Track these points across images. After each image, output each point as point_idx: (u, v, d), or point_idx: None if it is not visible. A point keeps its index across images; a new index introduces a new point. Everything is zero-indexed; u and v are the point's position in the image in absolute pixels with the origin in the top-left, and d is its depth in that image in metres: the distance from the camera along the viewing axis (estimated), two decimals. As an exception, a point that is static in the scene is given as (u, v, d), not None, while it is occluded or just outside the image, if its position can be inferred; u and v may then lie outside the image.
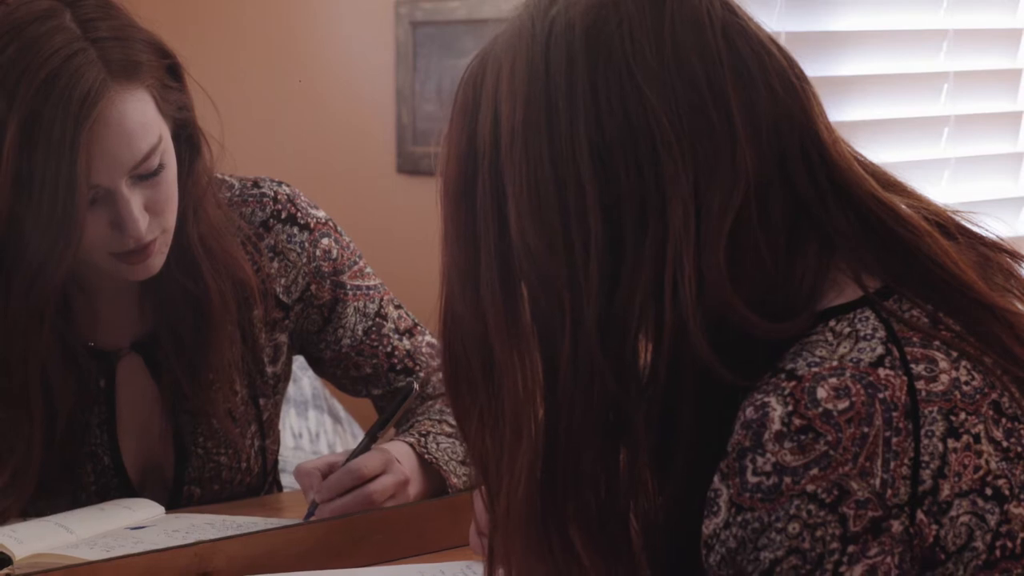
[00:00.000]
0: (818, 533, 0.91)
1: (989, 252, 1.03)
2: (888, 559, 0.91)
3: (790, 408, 0.92)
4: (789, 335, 0.97)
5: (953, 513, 0.92)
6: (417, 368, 1.68)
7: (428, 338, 1.71)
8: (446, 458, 1.60)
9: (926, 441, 0.92)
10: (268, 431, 1.66)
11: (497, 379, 1.02)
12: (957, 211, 1.06)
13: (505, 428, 1.02)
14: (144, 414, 1.60)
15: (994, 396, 0.96)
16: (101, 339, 1.59)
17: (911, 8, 2.35)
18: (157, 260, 1.52)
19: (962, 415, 0.94)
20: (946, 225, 1.03)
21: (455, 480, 1.60)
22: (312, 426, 2.67)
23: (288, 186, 1.67)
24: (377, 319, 1.67)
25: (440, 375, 1.67)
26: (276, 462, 1.71)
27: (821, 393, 0.92)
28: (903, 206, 1.01)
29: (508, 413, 1.02)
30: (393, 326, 1.68)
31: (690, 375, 0.97)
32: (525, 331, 1.01)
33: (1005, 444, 0.94)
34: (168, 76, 1.52)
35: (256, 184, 1.66)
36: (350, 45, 3.04)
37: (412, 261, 2.51)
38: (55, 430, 1.52)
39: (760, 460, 0.92)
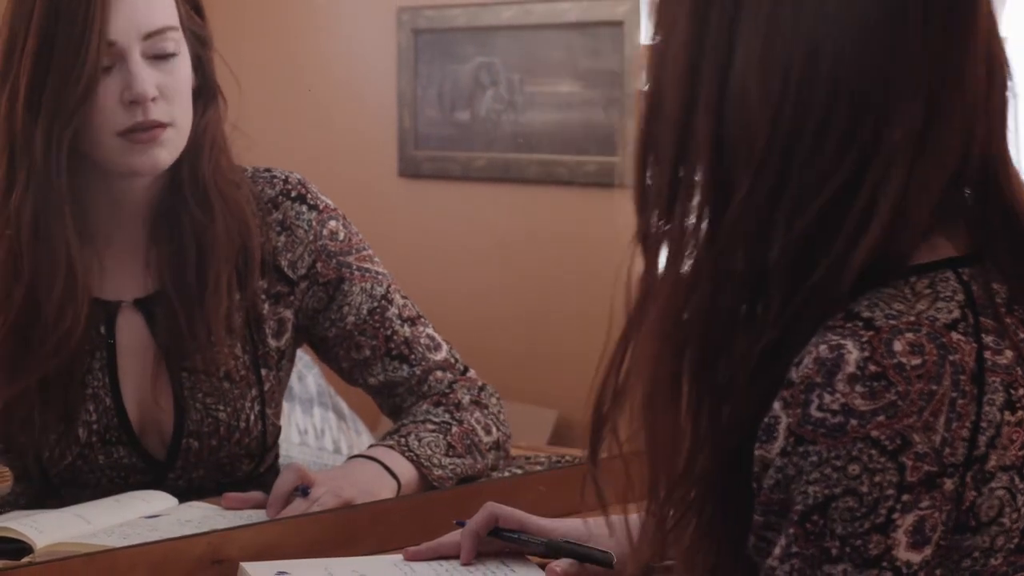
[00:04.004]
0: (876, 478, 0.93)
1: None
2: (936, 514, 0.94)
3: (867, 354, 0.94)
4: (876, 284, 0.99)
5: (993, 484, 0.95)
6: (412, 357, 1.72)
7: (429, 330, 1.74)
8: (428, 453, 1.65)
9: (987, 408, 0.95)
10: (269, 401, 1.70)
11: (692, 170, 1.03)
12: None
13: (671, 241, 1.03)
14: (144, 366, 1.65)
15: None
16: (104, 291, 1.65)
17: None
18: (163, 153, 1.60)
19: (1021, 391, 0.96)
20: None
21: (438, 472, 1.65)
22: (317, 423, 2.71)
23: (300, 175, 1.74)
24: (383, 302, 1.72)
25: (439, 369, 1.73)
26: (278, 439, 1.74)
27: (897, 346, 0.94)
28: None
29: (677, 223, 1.03)
30: (397, 311, 1.72)
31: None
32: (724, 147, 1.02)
33: None
34: (194, 7, 1.65)
35: (268, 169, 1.73)
36: (353, 51, 3.08)
37: (413, 262, 2.57)
38: (59, 367, 1.59)
39: (828, 397, 0.94)
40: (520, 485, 1.73)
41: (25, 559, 1.46)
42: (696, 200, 1.02)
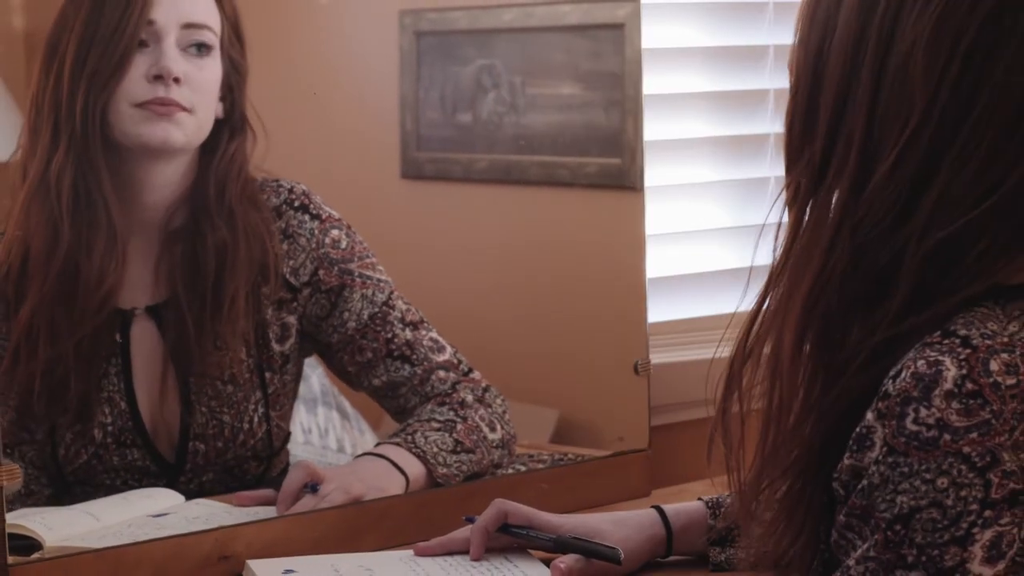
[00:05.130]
0: (962, 493, 0.95)
1: None
2: (1014, 531, 0.96)
3: (964, 372, 0.96)
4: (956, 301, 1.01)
5: None
6: (414, 357, 1.75)
7: (432, 334, 1.77)
8: (434, 450, 1.68)
9: None
10: (273, 404, 1.73)
11: (843, 138, 1.05)
12: None
13: (816, 208, 1.05)
14: (154, 371, 1.68)
15: None
16: (119, 299, 1.66)
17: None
18: (176, 132, 1.65)
19: None
20: None
21: (442, 470, 1.68)
22: (321, 422, 2.71)
23: (305, 186, 1.77)
24: (384, 307, 1.75)
25: (442, 369, 1.75)
26: (286, 443, 1.78)
27: (993, 366, 0.96)
28: None
29: (825, 191, 1.05)
30: (399, 316, 1.75)
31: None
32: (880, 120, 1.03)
33: None
34: (237, 35, 1.72)
35: (276, 179, 1.76)
36: (355, 54, 3.09)
37: (415, 262, 2.58)
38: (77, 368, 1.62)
39: (924, 412, 0.96)
40: (523, 482, 1.75)
41: (35, 555, 1.47)
42: (845, 172, 1.04)
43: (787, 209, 1.08)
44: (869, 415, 0.99)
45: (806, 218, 1.07)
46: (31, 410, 1.61)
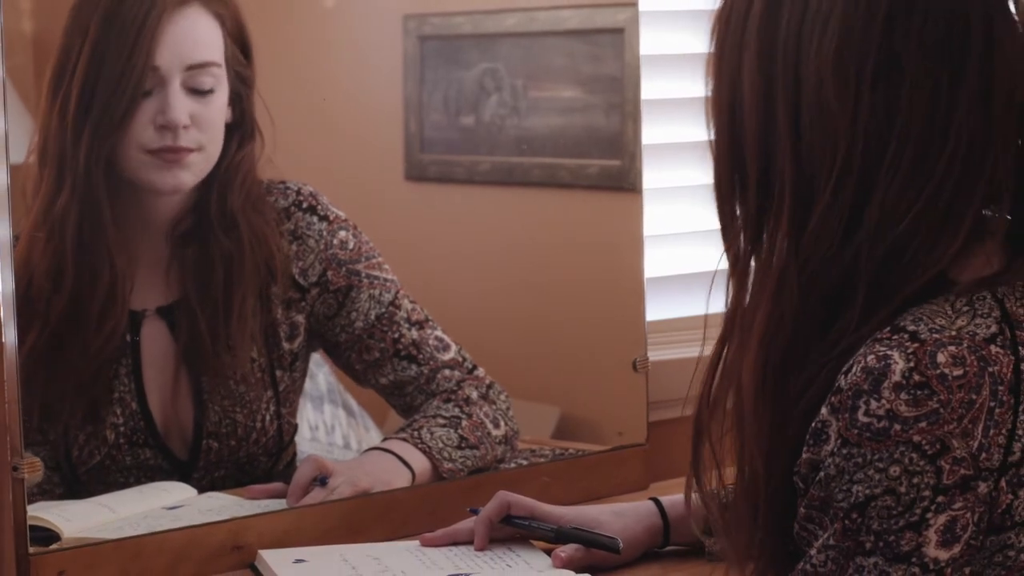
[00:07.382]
0: (915, 480, 0.98)
1: None
2: (968, 515, 0.99)
3: (911, 364, 0.99)
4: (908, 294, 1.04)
5: None
6: (420, 356, 1.78)
7: (437, 332, 1.79)
8: (440, 446, 1.72)
9: (1023, 417, 1.00)
10: (284, 401, 1.75)
11: (775, 187, 1.07)
12: None
13: (761, 263, 1.07)
14: (166, 372, 1.69)
15: None
16: (131, 301, 1.68)
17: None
18: (186, 176, 1.66)
19: None
20: None
21: (447, 465, 1.71)
22: (327, 419, 2.73)
23: (312, 187, 1.79)
24: (391, 307, 1.77)
25: (448, 368, 1.78)
26: (294, 436, 1.80)
27: (941, 358, 0.99)
28: None
29: (767, 246, 1.07)
30: (405, 315, 1.77)
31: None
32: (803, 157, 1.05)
33: None
34: (241, 48, 1.71)
35: (282, 181, 1.77)
36: (360, 58, 3.11)
37: (419, 262, 2.61)
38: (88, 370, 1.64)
39: (874, 404, 0.99)
40: (526, 476, 1.78)
41: (53, 546, 1.51)
42: (783, 217, 1.06)
43: (731, 274, 1.10)
44: (824, 410, 1.02)
45: (751, 269, 1.09)
46: (43, 411, 1.63)
